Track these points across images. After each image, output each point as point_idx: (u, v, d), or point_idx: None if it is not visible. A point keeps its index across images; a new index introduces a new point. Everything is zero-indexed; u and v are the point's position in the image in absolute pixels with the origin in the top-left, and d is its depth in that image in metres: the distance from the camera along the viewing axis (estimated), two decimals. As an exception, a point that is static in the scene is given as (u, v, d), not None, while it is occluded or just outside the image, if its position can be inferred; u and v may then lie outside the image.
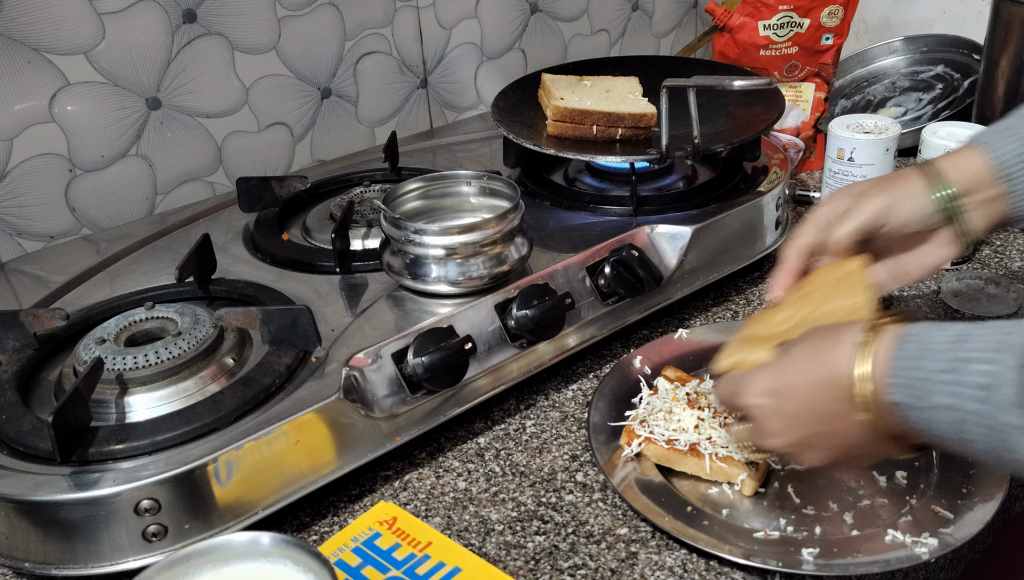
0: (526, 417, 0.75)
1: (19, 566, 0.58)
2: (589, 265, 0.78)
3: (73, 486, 0.56)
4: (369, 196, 0.89)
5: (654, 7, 1.41)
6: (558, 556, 0.61)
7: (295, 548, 0.46)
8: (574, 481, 0.67)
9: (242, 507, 0.60)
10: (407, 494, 0.67)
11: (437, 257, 0.71)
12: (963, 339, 0.44)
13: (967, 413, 0.43)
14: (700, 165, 0.97)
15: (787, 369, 0.53)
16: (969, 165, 0.63)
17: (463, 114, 1.23)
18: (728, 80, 0.82)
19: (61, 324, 0.69)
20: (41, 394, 0.67)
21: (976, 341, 0.43)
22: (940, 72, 1.31)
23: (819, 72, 1.18)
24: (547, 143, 0.88)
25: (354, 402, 0.64)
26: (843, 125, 0.91)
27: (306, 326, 0.65)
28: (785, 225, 0.93)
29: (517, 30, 1.25)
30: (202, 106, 0.98)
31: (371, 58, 1.11)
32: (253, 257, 0.83)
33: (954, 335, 0.44)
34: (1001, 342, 0.42)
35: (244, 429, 0.60)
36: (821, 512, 0.62)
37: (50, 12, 0.85)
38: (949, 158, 0.64)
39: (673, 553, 0.60)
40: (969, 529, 0.58)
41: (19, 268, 0.86)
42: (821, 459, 0.53)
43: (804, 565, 0.57)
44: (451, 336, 0.68)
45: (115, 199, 0.95)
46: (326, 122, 1.10)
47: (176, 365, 0.64)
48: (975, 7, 1.38)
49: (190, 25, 0.94)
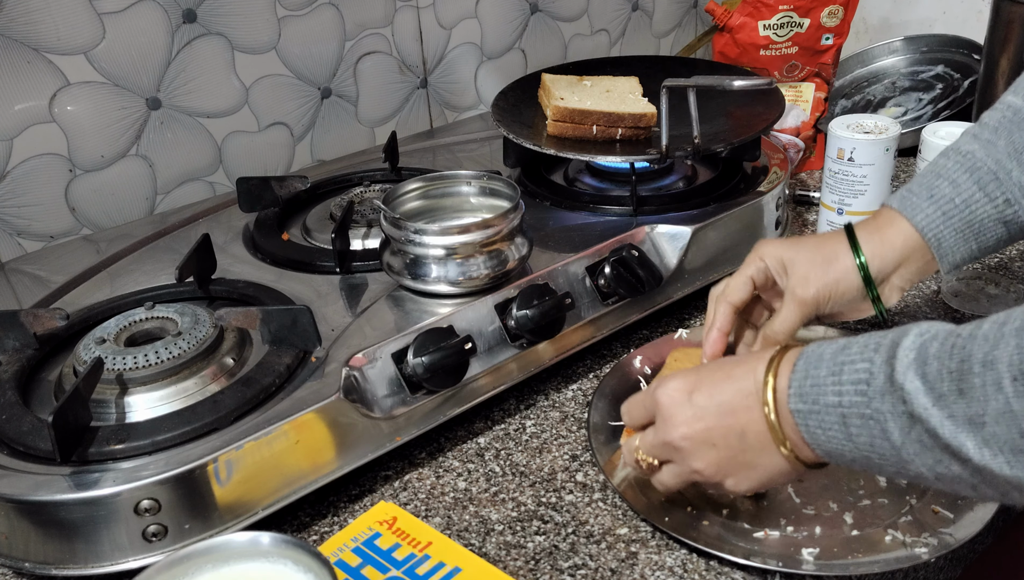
0: (526, 417, 0.75)
1: (19, 566, 0.58)
2: (589, 265, 0.78)
3: (73, 486, 0.56)
4: (369, 196, 0.90)
5: (654, 7, 1.41)
6: (558, 556, 0.61)
7: (295, 548, 0.46)
8: (574, 481, 0.67)
9: (242, 507, 0.60)
10: (407, 494, 0.67)
11: (437, 257, 0.71)
12: (846, 347, 0.49)
13: (849, 408, 0.47)
14: (700, 165, 0.97)
15: (703, 372, 0.57)
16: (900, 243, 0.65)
17: (463, 114, 1.23)
18: (728, 80, 0.82)
19: (61, 324, 0.69)
20: (41, 394, 0.67)
21: (855, 346, 0.48)
22: (940, 72, 1.32)
23: (819, 72, 1.18)
24: (547, 143, 0.88)
25: (354, 402, 0.64)
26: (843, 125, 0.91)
27: (306, 326, 0.65)
28: (785, 225, 0.93)
29: (517, 30, 1.25)
30: (202, 106, 0.98)
31: (371, 58, 1.11)
32: (253, 257, 0.83)
33: (839, 346, 0.49)
34: (877, 344, 0.47)
35: (244, 429, 0.60)
36: (821, 512, 0.62)
37: (50, 12, 0.85)
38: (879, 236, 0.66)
39: (673, 553, 0.60)
40: (969, 529, 0.58)
41: (19, 268, 0.86)
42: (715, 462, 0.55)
43: (804, 565, 0.57)
44: (451, 336, 0.68)
45: (115, 199, 0.95)
46: (326, 122, 1.10)
47: (176, 365, 0.64)
48: (975, 7, 1.38)
49: (190, 25, 0.94)
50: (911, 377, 0.44)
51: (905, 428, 0.45)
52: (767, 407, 0.52)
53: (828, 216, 0.94)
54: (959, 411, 0.42)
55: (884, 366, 0.46)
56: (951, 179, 0.65)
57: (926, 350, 0.44)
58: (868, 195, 0.90)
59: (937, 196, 0.65)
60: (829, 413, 0.48)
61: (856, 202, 0.90)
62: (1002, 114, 0.65)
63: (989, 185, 0.64)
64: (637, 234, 0.82)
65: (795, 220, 1.05)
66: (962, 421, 0.42)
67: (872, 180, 0.89)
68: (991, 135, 0.65)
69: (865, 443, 0.47)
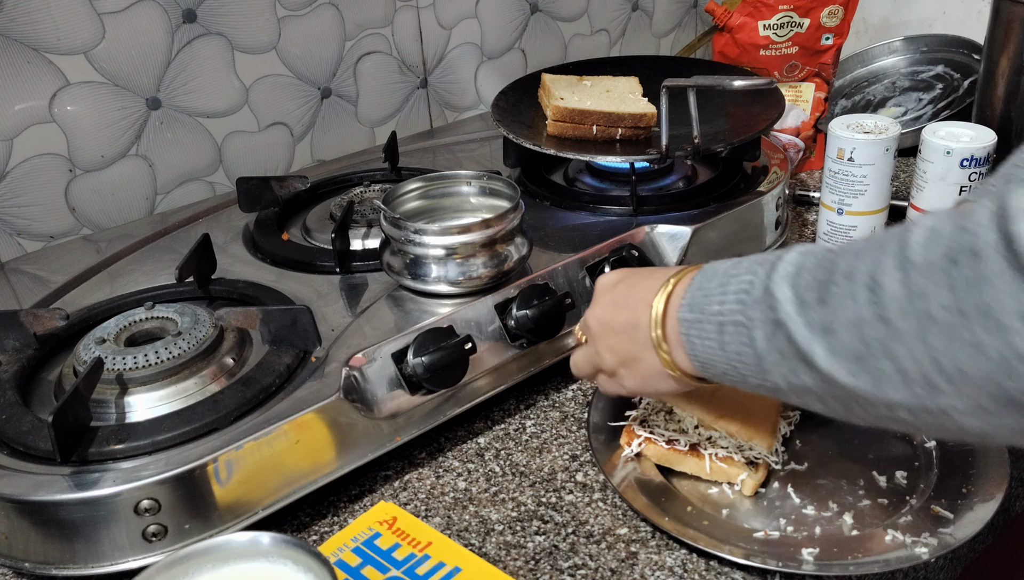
0: (526, 417, 0.75)
1: (19, 566, 0.58)
2: (589, 265, 0.78)
3: (73, 486, 0.56)
4: (369, 196, 0.90)
5: (654, 7, 1.41)
6: (558, 556, 0.61)
7: (295, 548, 0.46)
8: (574, 481, 0.67)
9: (242, 507, 0.60)
10: (407, 494, 0.67)
11: (437, 257, 0.71)
12: (738, 262, 0.51)
13: (727, 316, 0.49)
14: (700, 165, 0.97)
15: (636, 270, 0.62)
16: None
17: (463, 114, 1.23)
18: (728, 80, 0.82)
19: (61, 324, 0.69)
20: (41, 394, 0.67)
21: (745, 262, 0.51)
22: (940, 72, 1.31)
23: (819, 72, 1.18)
24: (547, 143, 0.88)
25: (354, 402, 0.64)
26: (843, 125, 0.91)
27: (306, 326, 0.65)
28: (785, 225, 0.93)
29: (517, 30, 1.25)
30: (202, 106, 0.98)
31: (371, 58, 1.11)
32: (253, 257, 0.83)
33: (734, 262, 0.52)
34: (764, 259, 0.49)
35: (244, 429, 0.60)
36: (821, 512, 0.62)
37: (50, 12, 0.85)
38: None
39: (673, 553, 0.60)
40: (969, 529, 0.58)
41: (19, 268, 0.86)
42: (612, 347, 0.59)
43: (804, 565, 0.57)
44: (451, 336, 0.68)
45: (115, 199, 0.95)
46: (326, 122, 1.10)
47: (176, 365, 0.64)
48: (975, 7, 1.38)
49: (190, 25, 0.94)
50: (784, 286, 0.46)
51: (769, 334, 0.46)
52: (653, 308, 0.55)
53: (828, 216, 0.94)
54: (816, 318, 0.44)
55: (764, 278, 0.48)
56: None
57: (803, 263, 0.46)
58: (868, 195, 0.90)
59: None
60: (710, 322, 0.51)
61: (856, 202, 0.90)
62: None
63: None
64: (637, 234, 0.82)
65: (795, 220, 1.04)
66: (817, 328, 0.43)
67: (872, 180, 0.89)
68: None
69: (733, 351, 0.49)
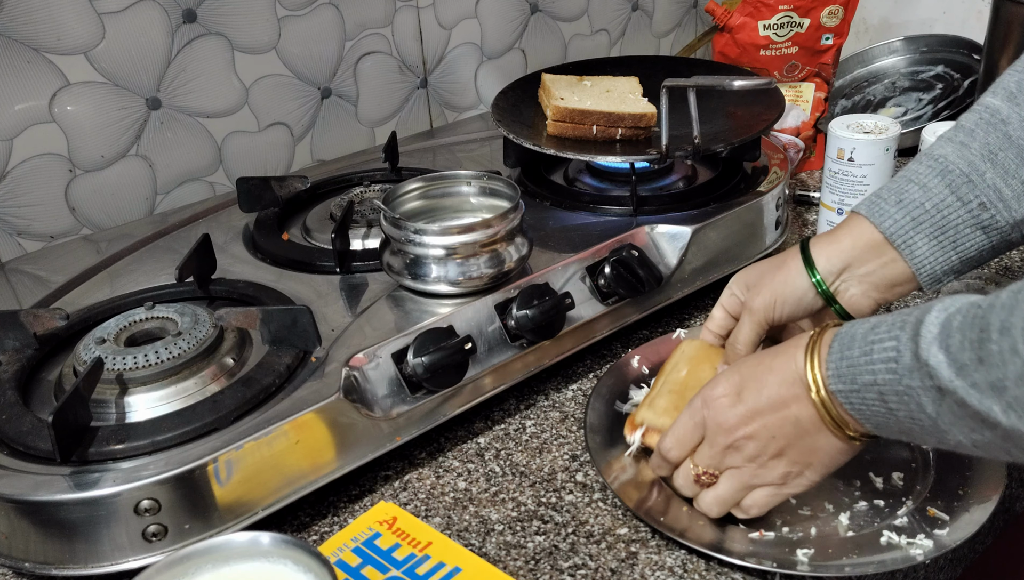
0: (526, 417, 0.75)
1: (19, 566, 0.58)
2: (589, 265, 0.79)
3: (73, 486, 0.56)
4: (369, 196, 0.90)
5: (654, 7, 1.41)
6: (558, 556, 0.61)
7: (295, 548, 0.46)
8: (574, 481, 0.68)
9: (242, 507, 0.60)
10: (407, 494, 0.68)
11: (437, 257, 0.71)
12: (875, 326, 0.50)
13: (884, 385, 0.48)
14: (700, 165, 0.97)
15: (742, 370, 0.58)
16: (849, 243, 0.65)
17: (463, 114, 1.23)
18: (728, 80, 0.82)
19: (61, 324, 0.69)
20: (41, 394, 0.67)
21: (884, 325, 0.50)
22: (940, 72, 1.31)
23: (819, 72, 1.18)
24: (547, 143, 0.88)
25: (354, 402, 0.64)
26: (843, 125, 0.91)
27: (306, 326, 0.65)
28: (785, 225, 0.93)
29: (517, 30, 1.25)
30: (202, 106, 0.98)
31: (371, 58, 1.11)
32: (253, 257, 0.83)
33: (870, 325, 0.51)
34: (903, 321, 0.48)
35: (244, 429, 0.60)
36: (817, 513, 0.62)
37: (50, 12, 0.85)
38: (830, 237, 0.66)
39: (673, 553, 0.60)
40: (965, 531, 0.58)
41: (19, 268, 0.87)
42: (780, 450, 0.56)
43: (799, 566, 0.57)
44: (451, 336, 0.68)
45: (115, 199, 0.95)
46: (326, 122, 1.10)
47: (176, 365, 0.64)
48: (975, 7, 1.38)
49: (190, 25, 0.95)
50: (934, 351, 0.45)
51: (937, 401, 0.45)
52: (812, 391, 0.53)
53: (828, 216, 0.94)
54: (981, 379, 0.43)
55: (910, 343, 0.47)
56: (921, 183, 0.63)
57: (949, 324, 0.45)
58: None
59: (906, 201, 0.63)
60: (868, 391, 0.49)
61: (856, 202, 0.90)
62: (979, 116, 0.63)
63: (962, 188, 0.61)
64: (637, 234, 0.82)
65: (795, 220, 1.05)
66: (986, 388, 0.43)
67: (872, 180, 0.89)
68: (966, 137, 0.63)
69: (905, 416, 0.48)
